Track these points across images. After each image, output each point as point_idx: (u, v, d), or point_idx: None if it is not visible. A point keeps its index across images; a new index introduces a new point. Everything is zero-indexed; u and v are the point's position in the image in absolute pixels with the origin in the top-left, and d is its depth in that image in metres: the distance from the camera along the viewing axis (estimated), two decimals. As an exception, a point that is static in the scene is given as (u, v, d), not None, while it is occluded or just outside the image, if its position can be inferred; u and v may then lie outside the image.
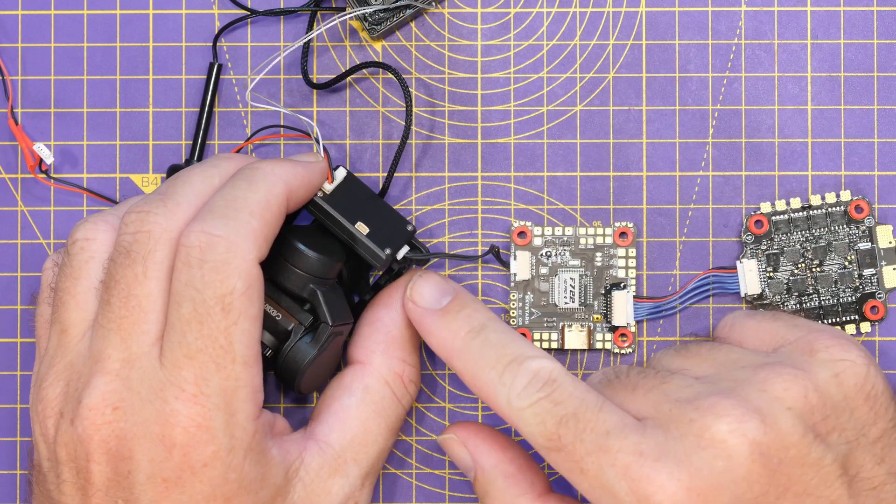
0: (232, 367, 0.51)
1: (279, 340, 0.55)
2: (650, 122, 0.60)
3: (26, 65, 0.60)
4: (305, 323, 0.55)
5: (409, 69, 0.60)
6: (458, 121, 0.60)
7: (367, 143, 0.60)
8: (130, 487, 0.51)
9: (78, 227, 0.54)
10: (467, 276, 0.60)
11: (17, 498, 0.60)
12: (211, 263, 0.51)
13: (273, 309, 0.55)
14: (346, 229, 0.56)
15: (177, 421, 0.50)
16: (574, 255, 0.59)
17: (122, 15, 0.60)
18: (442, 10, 0.60)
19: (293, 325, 0.55)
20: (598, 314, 0.59)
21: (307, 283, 0.55)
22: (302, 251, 0.55)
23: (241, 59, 0.60)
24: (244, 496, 0.51)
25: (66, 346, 0.52)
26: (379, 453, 0.56)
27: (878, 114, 0.60)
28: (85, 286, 0.53)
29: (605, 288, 0.59)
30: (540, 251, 0.59)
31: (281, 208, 0.53)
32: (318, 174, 0.56)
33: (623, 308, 0.59)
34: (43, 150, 0.58)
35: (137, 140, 0.60)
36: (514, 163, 0.60)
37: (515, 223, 0.59)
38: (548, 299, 0.59)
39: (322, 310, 0.55)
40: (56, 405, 0.52)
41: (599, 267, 0.59)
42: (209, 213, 0.52)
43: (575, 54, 0.60)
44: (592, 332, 0.59)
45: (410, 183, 0.60)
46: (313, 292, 0.55)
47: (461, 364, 0.54)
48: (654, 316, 0.59)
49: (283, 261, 0.55)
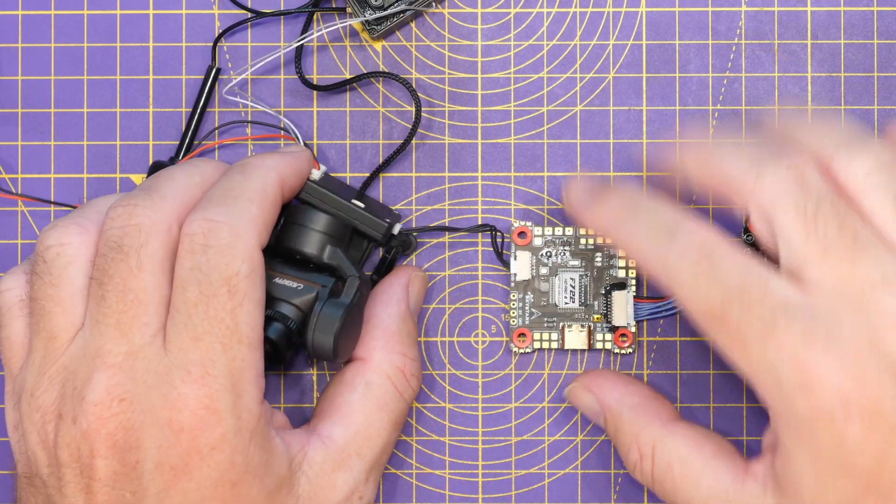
0: (238, 348, 0.51)
1: (303, 311, 0.55)
2: (650, 122, 0.60)
3: (26, 65, 0.60)
4: (329, 285, 0.55)
5: (409, 69, 0.60)
6: (458, 121, 0.60)
7: (367, 143, 0.60)
8: (138, 478, 0.51)
9: (47, 233, 0.53)
10: (468, 275, 0.60)
11: (17, 498, 0.60)
12: (215, 248, 0.51)
13: (292, 281, 0.55)
14: (343, 205, 0.56)
15: (184, 404, 0.50)
16: (574, 255, 0.59)
17: (122, 15, 0.60)
18: (442, 10, 0.60)
19: (317, 290, 0.55)
20: (598, 314, 0.59)
21: (325, 243, 0.56)
22: (316, 211, 0.56)
23: (241, 60, 0.60)
24: (250, 481, 0.51)
25: (55, 352, 0.52)
26: (383, 447, 0.56)
27: (879, 114, 0.60)
28: (69, 291, 0.52)
29: (606, 288, 0.59)
30: (540, 251, 0.59)
31: (276, 196, 0.54)
32: (305, 162, 0.56)
33: (623, 308, 0.59)
34: None
35: (137, 140, 0.60)
36: (514, 163, 0.60)
37: (516, 223, 0.59)
38: (548, 299, 0.59)
39: (346, 264, 0.56)
40: (53, 409, 0.52)
41: (599, 267, 0.59)
42: (209, 202, 0.52)
43: (575, 54, 0.60)
44: (592, 333, 0.59)
45: (410, 183, 0.60)
46: (333, 251, 0.56)
47: (621, 236, 0.53)
48: (654, 316, 0.59)
49: (298, 226, 0.56)
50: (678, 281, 0.50)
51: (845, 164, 0.50)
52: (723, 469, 0.52)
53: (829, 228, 0.49)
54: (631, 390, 0.56)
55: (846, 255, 0.49)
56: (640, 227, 0.52)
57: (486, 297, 0.60)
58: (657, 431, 0.54)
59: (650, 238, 0.52)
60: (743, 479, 0.51)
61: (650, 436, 0.54)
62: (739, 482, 0.51)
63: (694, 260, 0.50)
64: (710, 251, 0.50)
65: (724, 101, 0.60)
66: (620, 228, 0.53)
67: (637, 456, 0.54)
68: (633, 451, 0.55)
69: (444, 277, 0.60)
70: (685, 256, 0.50)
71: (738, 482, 0.51)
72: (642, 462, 0.54)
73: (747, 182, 0.51)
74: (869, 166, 0.50)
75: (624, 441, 0.55)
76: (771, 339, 0.48)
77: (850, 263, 0.48)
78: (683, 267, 0.50)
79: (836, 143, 0.51)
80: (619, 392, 0.56)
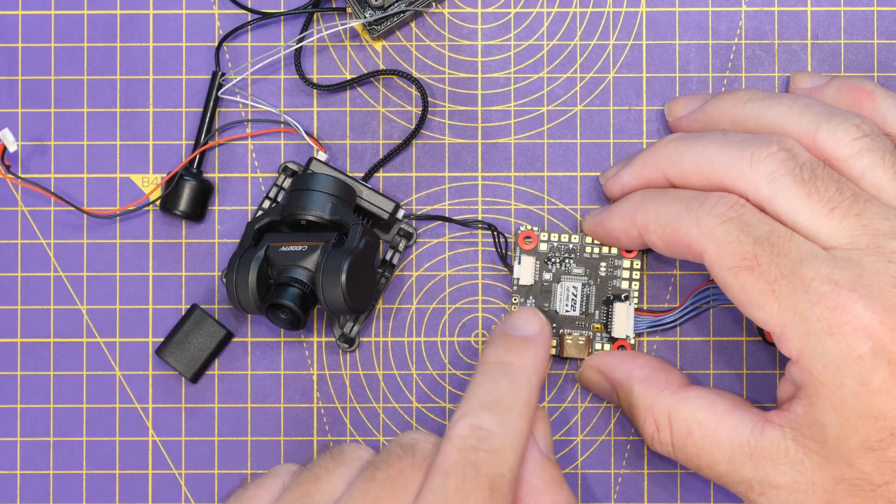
0: None
1: (313, 271, 0.55)
2: (650, 122, 0.60)
3: (26, 65, 0.60)
4: (333, 239, 0.55)
5: (410, 69, 0.60)
6: (459, 121, 0.60)
7: (367, 143, 0.60)
8: None
9: None
10: (468, 275, 0.60)
11: (18, 498, 0.60)
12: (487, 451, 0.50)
13: (297, 245, 0.56)
14: (352, 182, 0.57)
15: None
16: (578, 264, 0.59)
17: (123, 15, 0.60)
18: (442, 10, 0.60)
19: (321, 245, 0.55)
20: (598, 324, 0.59)
21: (328, 202, 0.56)
22: (321, 175, 0.57)
23: (241, 60, 0.60)
24: None
25: None
26: None
27: (879, 114, 0.60)
28: None
29: (607, 298, 0.59)
30: (544, 257, 0.59)
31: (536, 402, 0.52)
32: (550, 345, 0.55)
33: (624, 320, 0.58)
34: (7, 136, 0.58)
35: (137, 140, 0.60)
36: (515, 163, 0.60)
37: (522, 227, 0.59)
38: (549, 306, 0.59)
39: (349, 216, 0.56)
40: None
41: (603, 277, 0.59)
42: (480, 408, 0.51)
43: (575, 54, 0.60)
44: (591, 342, 0.59)
45: (410, 183, 0.60)
46: (336, 207, 0.56)
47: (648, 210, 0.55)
48: (652, 329, 0.59)
49: (302, 191, 0.56)
50: (710, 235, 0.52)
51: (832, 133, 0.53)
52: (741, 422, 0.53)
53: (829, 190, 0.51)
54: (639, 363, 0.56)
55: (851, 210, 0.51)
56: (670, 197, 0.54)
57: (486, 297, 0.60)
58: (670, 399, 0.54)
59: (681, 202, 0.53)
60: (762, 427, 0.52)
61: (664, 404, 0.54)
62: (759, 431, 0.52)
63: (725, 214, 0.52)
64: (739, 208, 0.52)
65: (724, 101, 0.60)
66: (650, 201, 0.55)
67: (654, 427, 0.55)
68: (648, 422, 0.55)
69: (444, 277, 0.60)
70: (717, 211, 0.52)
71: (758, 431, 0.52)
72: (660, 432, 0.54)
73: (742, 169, 0.52)
74: (854, 132, 0.52)
75: (639, 414, 0.55)
76: (799, 283, 0.50)
77: (857, 217, 0.51)
78: (715, 222, 0.52)
79: (817, 116, 0.53)
80: (628, 367, 0.56)
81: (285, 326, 0.56)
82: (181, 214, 0.59)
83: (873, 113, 0.55)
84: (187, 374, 0.60)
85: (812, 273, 0.50)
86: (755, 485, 0.52)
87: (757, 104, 0.55)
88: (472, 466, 0.49)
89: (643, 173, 0.56)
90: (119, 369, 0.60)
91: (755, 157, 0.52)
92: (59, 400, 0.60)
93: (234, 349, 0.60)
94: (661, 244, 0.54)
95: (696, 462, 0.53)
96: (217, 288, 0.60)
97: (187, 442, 0.60)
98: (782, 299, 0.50)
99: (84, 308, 0.60)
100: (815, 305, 0.50)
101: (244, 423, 0.60)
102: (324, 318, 0.60)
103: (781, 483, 0.51)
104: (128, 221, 0.60)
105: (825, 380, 0.50)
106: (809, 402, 0.51)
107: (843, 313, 0.49)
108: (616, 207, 0.57)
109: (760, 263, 0.51)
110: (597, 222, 0.58)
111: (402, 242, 0.59)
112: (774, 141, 0.53)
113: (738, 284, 0.51)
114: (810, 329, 0.50)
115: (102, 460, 0.60)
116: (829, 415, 0.50)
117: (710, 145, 0.54)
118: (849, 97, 0.56)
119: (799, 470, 0.51)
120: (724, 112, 0.56)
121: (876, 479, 0.50)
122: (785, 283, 0.50)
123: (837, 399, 0.50)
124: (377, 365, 0.60)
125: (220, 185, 0.60)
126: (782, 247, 0.51)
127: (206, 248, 0.60)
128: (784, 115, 0.54)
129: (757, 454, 0.52)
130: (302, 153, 0.60)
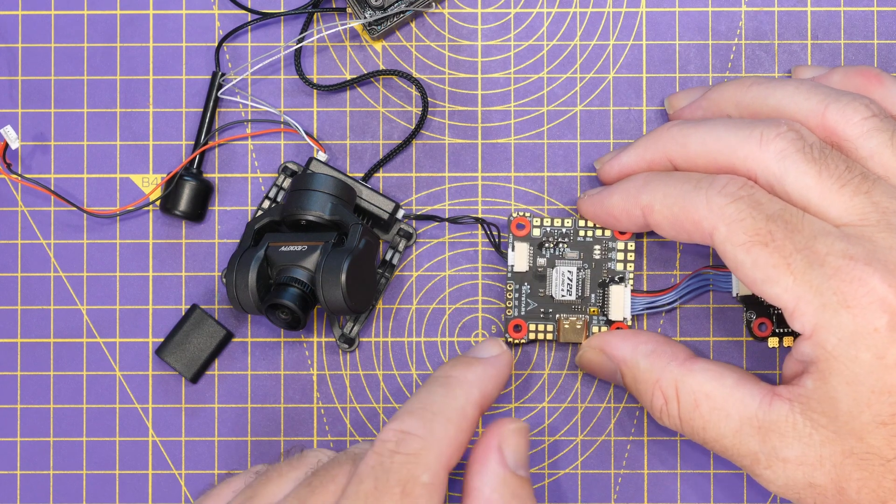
0: None
1: (312, 271, 0.55)
2: (650, 122, 0.60)
3: (26, 65, 0.60)
4: (332, 240, 0.55)
5: (410, 69, 0.60)
6: (459, 121, 0.60)
7: (367, 143, 0.60)
8: None
9: None
10: (467, 276, 0.60)
11: (18, 498, 0.60)
12: (403, 455, 0.50)
13: (297, 245, 0.56)
14: (352, 182, 0.58)
15: None
16: (572, 248, 0.59)
17: (123, 15, 0.60)
18: (442, 10, 0.60)
19: (321, 245, 0.55)
20: (594, 307, 0.59)
21: (328, 202, 0.56)
22: (321, 175, 0.57)
23: (241, 60, 0.60)
24: None
25: None
26: None
27: (879, 114, 0.60)
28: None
29: (603, 281, 0.59)
30: (538, 243, 0.59)
31: (475, 416, 0.52)
32: (506, 370, 0.54)
33: (620, 302, 0.58)
34: (10, 132, 0.58)
35: (137, 140, 0.60)
36: (515, 163, 0.60)
37: (514, 213, 0.59)
38: (545, 291, 0.59)
39: (349, 216, 0.56)
40: None
41: (598, 260, 0.59)
42: (407, 414, 0.51)
43: (575, 54, 0.60)
44: (588, 326, 0.59)
45: (410, 183, 0.60)
46: (336, 207, 0.56)
47: (653, 190, 0.54)
48: (649, 311, 0.59)
49: (302, 192, 0.56)
50: (721, 213, 0.52)
51: (841, 112, 0.53)
52: (748, 394, 0.52)
53: (838, 168, 0.52)
54: (642, 339, 0.56)
55: (861, 188, 0.51)
56: (676, 177, 0.54)
57: (485, 297, 0.60)
58: (676, 371, 0.54)
59: (689, 181, 0.53)
60: (770, 400, 0.52)
61: (671, 377, 0.54)
62: (767, 404, 0.52)
63: (736, 194, 0.52)
64: (749, 188, 0.52)
65: (724, 101, 0.60)
66: (655, 181, 0.55)
67: (661, 400, 0.54)
68: (656, 396, 0.55)
69: (444, 277, 0.60)
70: (727, 191, 0.52)
71: (766, 405, 0.52)
72: (668, 405, 0.54)
73: (752, 148, 0.53)
74: (864, 111, 0.53)
75: (645, 389, 0.55)
76: (814, 258, 0.50)
77: (866, 195, 0.51)
78: (726, 200, 0.52)
79: (825, 96, 0.53)
80: (631, 343, 0.56)
81: (285, 326, 0.56)
82: (181, 214, 0.59)
83: (883, 97, 0.55)
84: (187, 375, 0.60)
85: (826, 248, 0.50)
86: (762, 458, 0.52)
87: (762, 87, 0.55)
88: (384, 470, 0.49)
89: (645, 155, 0.56)
90: (119, 369, 0.60)
91: (764, 136, 0.52)
92: (59, 400, 0.60)
93: (234, 349, 0.60)
94: (666, 224, 0.54)
95: (703, 435, 0.53)
96: (217, 288, 0.60)
97: (187, 442, 0.60)
98: (797, 273, 0.50)
99: (84, 308, 0.60)
100: (830, 279, 0.50)
101: (244, 424, 0.60)
102: (324, 319, 0.60)
103: (789, 456, 0.51)
104: (128, 221, 0.60)
105: (839, 354, 0.50)
106: (821, 377, 0.50)
107: (860, 286, 0.49)
108: (618, 186, 0.56)
109: (775, 238, 0.51)
110: (595, 201, 0.57)
111: (402, 242, 0.59)
112: (783, 122, 0.53)
113: (751, 260, 0.51)
114: (826, 302, 0.50)
115: (102, 460, 0.60)
116: (842, 389, 0.50)
117: (717, 126, 0.54)
118: (857, 80, 0.56)
119: (807, 443, 0.51)
120: (729, 97, 0.56)
121: (886, 454, 0.50)
122: (800, 258, 0.50)
123: (851, 373, 0.50)
124: (377, 365, 0.60)
125: (220, 185, 0.60)
126: (795, 224, 0.51)
127: (206, 248, 0.60)
128: (791, 95, 0.54)
129: (765, 427, 0.52)
130: (302, 153, 0.60)
